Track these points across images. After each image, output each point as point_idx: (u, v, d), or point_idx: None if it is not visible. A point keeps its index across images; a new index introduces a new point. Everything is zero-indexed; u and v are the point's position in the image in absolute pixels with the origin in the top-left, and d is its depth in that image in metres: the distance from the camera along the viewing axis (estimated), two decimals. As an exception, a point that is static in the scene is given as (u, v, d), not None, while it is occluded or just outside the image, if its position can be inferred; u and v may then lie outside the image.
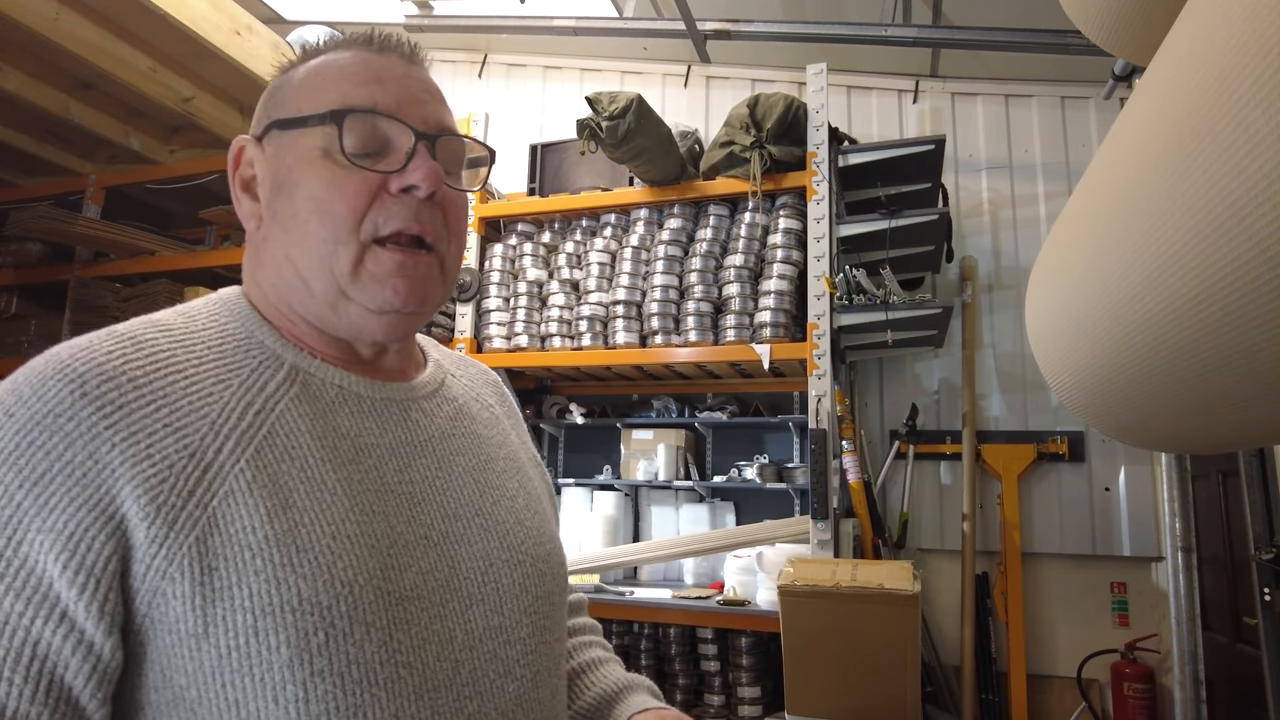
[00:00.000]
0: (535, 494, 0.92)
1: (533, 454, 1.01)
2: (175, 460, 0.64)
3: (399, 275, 0.75)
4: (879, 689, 2.48)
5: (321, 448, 0.72)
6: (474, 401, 0.94)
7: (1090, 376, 1.64)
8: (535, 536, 0.86)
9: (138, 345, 0.70)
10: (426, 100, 0.80)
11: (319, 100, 0.77)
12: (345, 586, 0.66)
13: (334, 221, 0.74)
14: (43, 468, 0.61)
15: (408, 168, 0.75)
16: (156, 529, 0.62)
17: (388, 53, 0.82)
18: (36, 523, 0.59)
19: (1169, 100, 1.10)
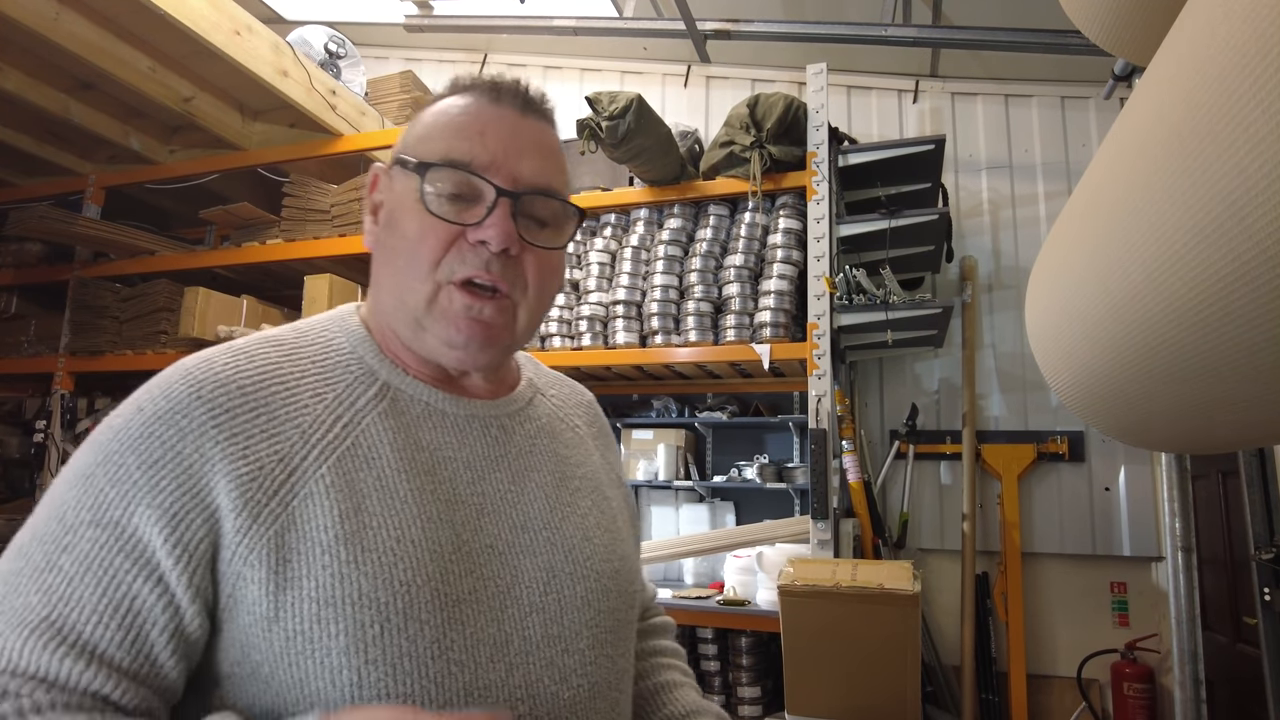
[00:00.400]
0: (611, 514, 0.96)
1: (618, 477, 1.06)
2: (266, 462, 0.73)
3: (465, 316, 0.82)
4: (879, 689, 2.48)
5: (400, 459, 0.80)
6: (559, 421, 1.00)
7: (1090, 376, 1.64)
8: (602, 554, 0.90)
9: (250, 358, 0.79)
10: (527, 154, 0.84)
11: (427, 147, 0.84)
12: (403, 585, 0.73)
13: (416, 262, 0.81)
14: (158, 454, 0.71)
15: (485, 222, 0.81)
16: (242, 520, 0.70)
17: (503, 102, 0.86)
18: (146, 499, 0.69)
19: (1169, 100, 1.10)
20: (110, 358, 4.26)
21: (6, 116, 4.03)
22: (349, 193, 3.99)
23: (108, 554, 0.67)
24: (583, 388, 1.12)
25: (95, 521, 0.68)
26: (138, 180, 4.45)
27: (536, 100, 0.88)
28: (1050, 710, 3.52)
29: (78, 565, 0.67)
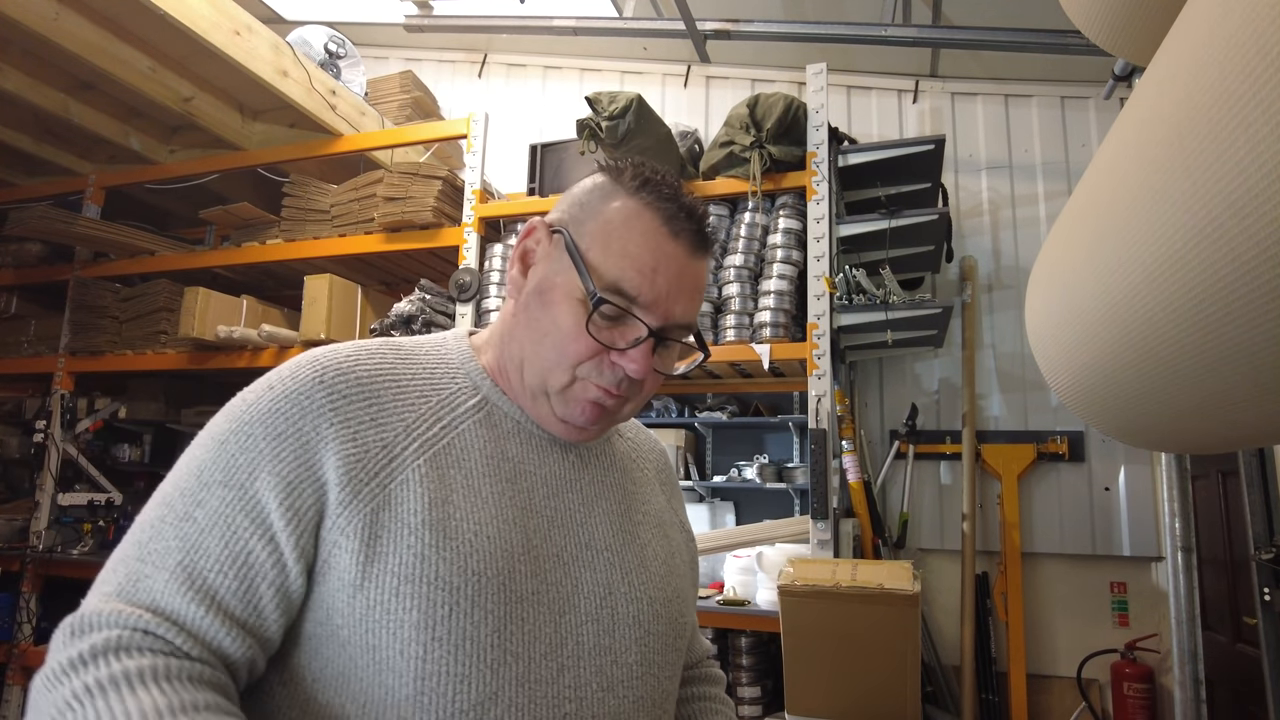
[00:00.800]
0: (670, 551, 1.04)
1: (682, 522, 1.14)
2: (371, 447, 0.82)
3: (592, 403, 0.90)
4: (879, 689, 2.48)
5: (487, 464, 0.89)
6: (630, 461, 1.08)
7: (1090, 376, 1.64)
8: (657, 581, 0.97)
9: (370, 355, 0.90)
10: (684, 296, 0.90)
11: (605, 260, 0.88)
12: (474, 575, 0.80)
13: (563, 356, 0.88)
14: (281, 428, 0.80)
15: (629, 353, 0.88)
16: (345, 494, 0.79)
17: (680, 239, 0.90)
18: (269, 468, 0.79)
19: (1169, 100, 1.10)
20: (110, 358, 4.26)
21: (6, 116, 4.03)
22: (349, 193, 3.99)
23: (232, 512, 0.77)
24: (657, 438, 1.21)
25: (225, 482, 0.78)
26: (137, 180, 4.45)
27: (707, 236, 0.93)
28: (1050, 710, 3.52)
29: (209, 519, 0.77)
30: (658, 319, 0.88)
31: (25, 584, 4.02)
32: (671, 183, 0.92)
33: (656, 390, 0.99)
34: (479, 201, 3.80)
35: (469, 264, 3.72)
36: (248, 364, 4.02)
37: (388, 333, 3.66)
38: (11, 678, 3.92)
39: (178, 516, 0.77)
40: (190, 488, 0.79)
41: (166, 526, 0.77)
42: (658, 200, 0.90)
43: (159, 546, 0.76)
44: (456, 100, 5.04)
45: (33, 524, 4.13)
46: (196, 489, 0.78)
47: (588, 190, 0.94)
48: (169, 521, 0.77)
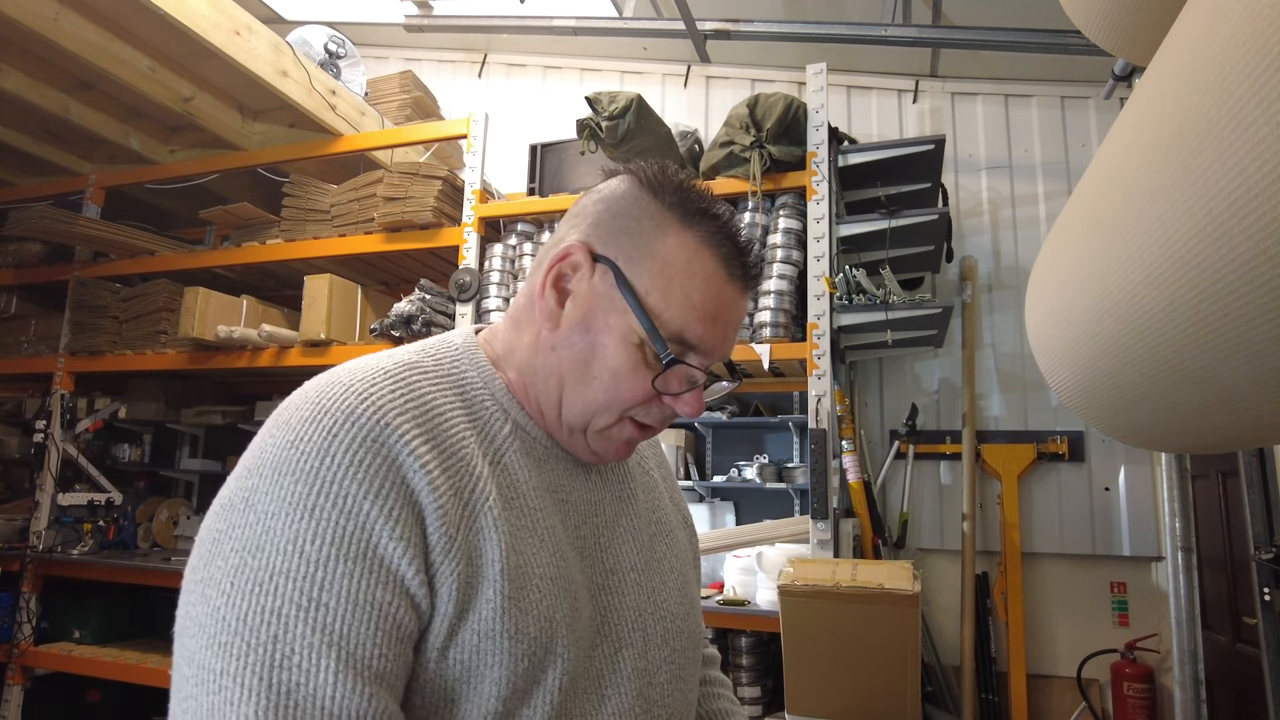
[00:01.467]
0: (681, 557, 1.03)
1: (684, 515, 1.13)
2: (449, 496, 0.75)
3: (626, 442, 0.89)
4: (879, 689, 2.48)
5: (536, 496, 0.84)
6: (638, 467, 1.05)
7: (1090, 376, 1.63)
8: (676, 596, 0.97)
9: (408, 386, 0.80)
10: (733, 334, 0.89)
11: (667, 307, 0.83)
12: (548, 621, 0.77)
13: (615, 400, 0.85)
14: (378, 484, 0.71)
15: (683, 397, 0.86)
16: (437, 556, 0.73)
17: (737, 280, 0.87)
18: (387, 530, 0.70)
19: (1169, 100, 1.10)
20: (110, 358, 4.26)
21: (6, 116, 4.03)
22: (349, 193, 3.99)
23: (368, 587, 0.69)
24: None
25: (343, 555, 0.68)
26: (137, 180, 4.45)
27: (758, 275, 0.93)
28: (1050, 710, 3.52)
29: (344, 603, 0.68)
30: (711, 361, 0.87)
31: (25, 584, 4.02)
32: (717, 207, 0.87)
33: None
34: (479, 201, 3.80)
35: (469, 264, 3.72)
36: (247, 364, 4.02)
37: (387, 333, 3.66)
38: (12, 677, 3.92)
39: (300, 606, 0.66)
40: (298, 569, 0.67)
41: (291, 621, 0.66)
42: (714, 235, 0.85)
43: (298, 646, 0.65)
44: (456, 100, 5.04)
45: (33, 524, 4.13)
46: (309, 569, 0.67)
47: (628, 211, 0.87)
48: (290, 615, 0.66)
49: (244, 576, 0.67)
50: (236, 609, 0.66)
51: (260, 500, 0.70)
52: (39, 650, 3.94)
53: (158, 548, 4.47)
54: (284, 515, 0.69)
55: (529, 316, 0.89)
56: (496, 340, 0.94)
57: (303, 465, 0.70)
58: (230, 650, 0.65)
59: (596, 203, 0.89)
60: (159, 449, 4.84)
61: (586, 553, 0.89)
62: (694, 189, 0.87)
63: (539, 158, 3.86)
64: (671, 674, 0.91)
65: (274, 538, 0.68)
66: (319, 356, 3.86)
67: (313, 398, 0.76)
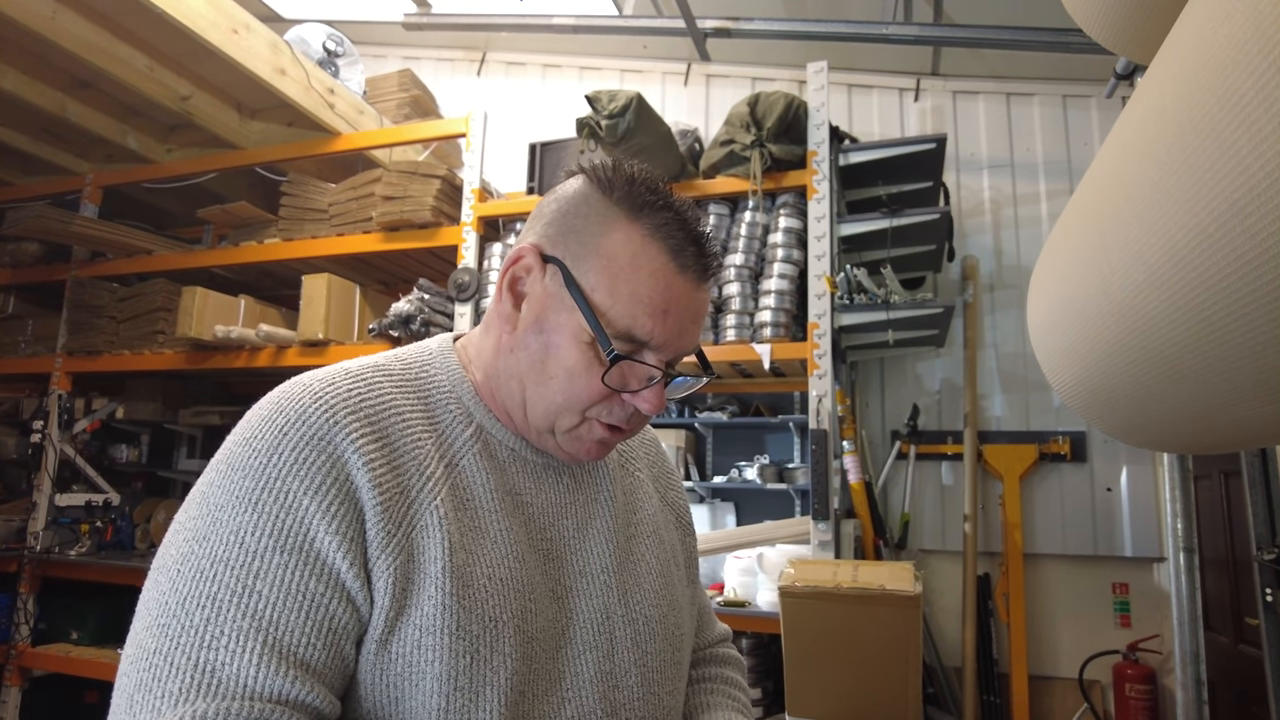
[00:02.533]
0: (665, 560, 1.02)
1: (680, 514, 1.13)
2: (392, 494, 0.78)
3: (598, 442, 0.89)
4: (880, 690, 2.47)
5: (492, 499, 0.86)
6: (621, 468, 1.05)
7: (1092, 376, 1.63)
8: (652, 599, 0.96)
9: (368, 386, 0.84)
10: (692, 327, 0.88)
11: (613, 304, 0.83)
12: (492, 621, 0.79)
13: (572, 399, 0.85)
14: (318, 480, 0.75)
15: (642, 393, 0.86)
16: (375, 551, 0.76)
17: (688, 273, 0.85)
18: (324, 525, 0.74)
19: (1171, 99, 1.09)
20: (107, 358, 4.25)
21: (3, 115, 4.02)
22: (347, 192, 3.99)
23: (302, 578, 0.72)
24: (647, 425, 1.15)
25: (280, 547, 0.72)
26: (135, 179, 4.45)
27: (712, 264, 0.88)
28: (1052, 712, 3.51)
29: (276, 591, 0.71)
30: (669, 356, 0.86)
31: (23, 585, 4.02)
32: (669, 199, 0.86)
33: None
34: (478, 200, 3.79)
35: (468, 263, 3.71)
36: (245, 364, 4.02)
37: (386, 332, 3.65)
38: (9, 679, 3.91)
39: (234, 593, 0.70)
40: (236, 558, 0.71)
41: (224, 605, 0.69)
42: (662, 228, 0.84)
43: (227, 629, 0.69)
44: (455, 99, 5.03)
45: (30, 524, 4.13)
46: (246, 560, 0.71)
47: (577, 210, 0.87)
48: (224, 600, 0.69)
49: (189, 564, 0.71)
50: (179, 593, 0.70)
51: (213, 494, 0.75)
52: (36, 651, 3.93)
53: (155, 548, 4.43)
54: (230, 508, 0.73)
55: (494, 320, 0.91)
56: (470, 345, 0.96)
57: (252, 462, 0.75)
58: (167, 631, 0.69)
59: (550, 203, 0.90)
60: (156, 449, 4.83)
61: (552, 555, 0.89)
62: (644, 182, 0.86)
63: (538, 156, 3.85)
64: (641, 677, 0.91)
65: (219, 529, 0.72)
66: (317, 356, 3.85)
67: (274, 398, 0.80)
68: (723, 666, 1.18)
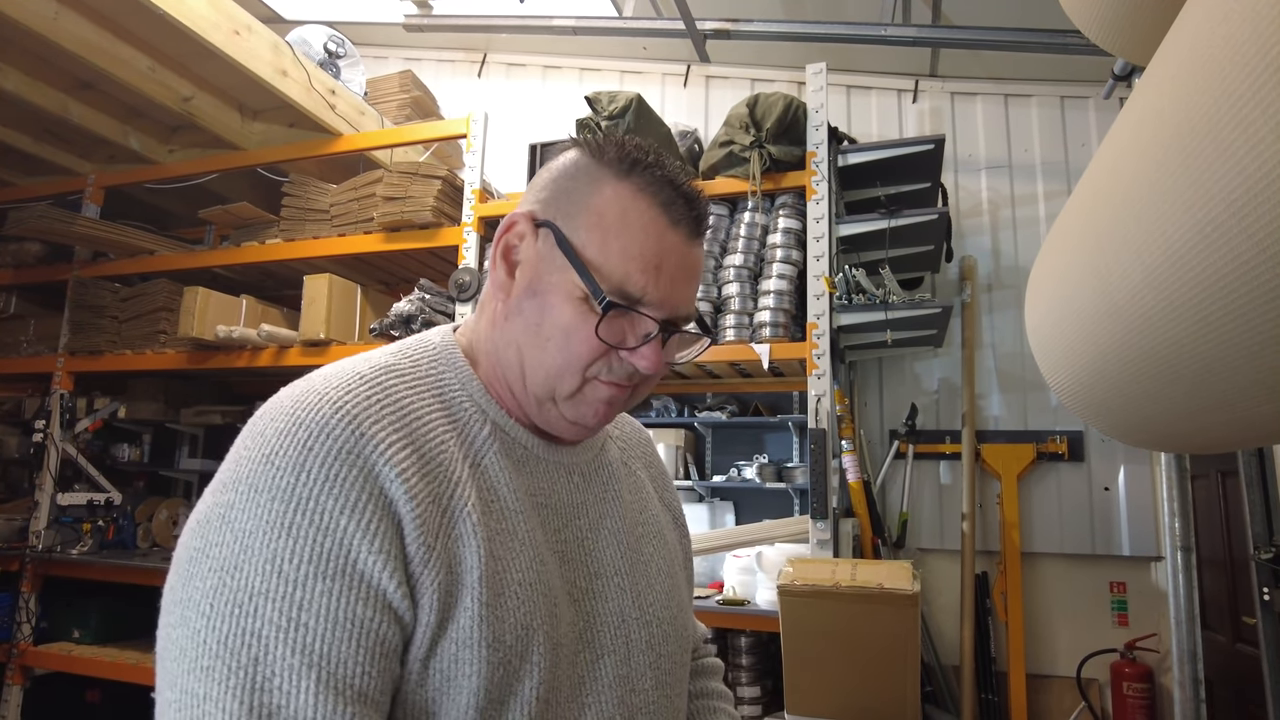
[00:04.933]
0: (669, 560, 1.01)
1: (676, 514, 1.12)
2: (428, 504, 0.74)
3: (604, 403, 0.86)
4: (879, 689, 2.48)
5: (515, 500, 0.83)
6: (624, 467, 1.04)
7: (1090, 376, 1.63)
8: (663, 600, 0.95)
9: (384, 390, 0.79)
10: (686, 284, 0.86)
11: (605, 259, 0.81)
12: (524, 629, 0.76)
13: (571, 358, 0.83)
14: (354, 497, 0.70)
15: (641, 349, 0.83)
16: (417, 566, 0.72)
17: (679, 226, 0.84)
18: (365, 545, 0.69)
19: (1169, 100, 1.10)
20: (109, 357, 4.26)
21: (6, 116, 4.02)
22: (348, 192, 3.99)
23: (349, 604, 0.68)
24: (640, 425, 1.17)
25: (321, 573, 0.68)
26: (137, 180, 4.45)
27: (704, 218, 0.87)
28: (1049, 710, 3.52)
29: (323, 622, 0.67)
30: (665, 312, 0.84)
31: (25, 584, 4.02)
32: (660, 159, 0.86)
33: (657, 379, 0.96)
34: (478, 201, 3.79)
35: (468, 264, 3.72)
36: (247, 363, 4.02)
37: (387, 332, 3.66)
38: (11, 677, 3.92)
39: (279, 628, 0.66)
40: (276, 589, 0.66)
41: (271, 643, 0.65)
42: (651, 184, 0.83)
43: (278, 668, 0.65)
44: (456, 100, 5.03)
45: (32, 524, 4.13)
46: (287, 589, 0.67)
47: (568, 173, 0.86)
48: (270, 636, 0.65)
49: (223, 598, 0.67)
50: (217, 631, 0.66)
51: (237, 518, 0.69)
52: (38, 650, 3.93)
53: (157, 547, 4.46)
54: (261, 534, 0.68)
55: (489, 292, 0.89)
56: (468, 332, 0.93)
57: (279, 481, 0.69)
58: (212, 674, 0.65)
59: (542, 173, 0.90)
60: (158, 449, 4.83)
61: (568, 557, 0.87)
62: (635, 144, 0.86)
63: (538, 157, 3.86)
64: (656, 680, 0.90)
65: (252, 557, 0.67)
66: (318, 356, 3.86)
67: (287, 408, 0.75)
68: (712, 679, 1.18)
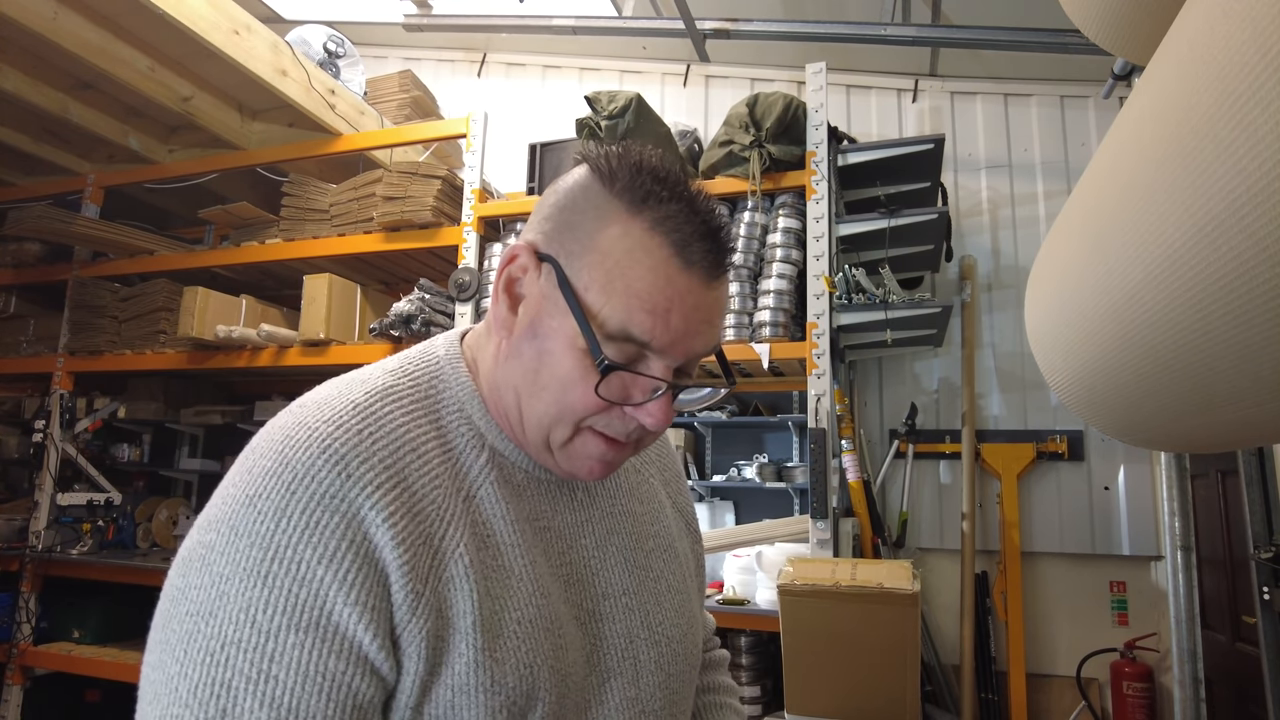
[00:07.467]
0: (681, 575, 0.98)
1: (688, 520, 1.08)
2: (417, 547, 0.71)
3: (599, 460, 0.80)
4: (878, 688, 2.48)
5: (511, 533, 0.79)
6: (635, 475, 1.00)
7: (1090, 375, 1.64)
8: (673, 618, 0.92)
9: (378, 423, 0.75)
10: (704, 329, 0.77)
11: (607, 302, 0.74)
12: (527, 669, 0.74)
13: (566, 410, 0.77)
14: (333, 547, 0.68)
15: (646, 405, 0.77)
16: (403, 612, 0.69)
17: (694, 268, 0.75)
18: (341, 596, 0.67)
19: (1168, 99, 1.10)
20: (109, 357, 4.26)
21: (5, 116, 4.02)
22: (348, 192, 3.99)
23: (321, 658, 0.66)
24: None
25: (294, 625, 0.66)
26: (137, 180, 4.45)
27: (727, 254, 0.78)
28: (1049, 709, 3.52)
29: (293, 675, 0.65)
30: (675, 360, 0.76)
31: (24, 584, 4.02)
32: (678, 188, 0.77)
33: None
34: (478, 201, 3.79)
35: (468, 263, 3.72)
36: (247, 363, 4.02)
37: (386, 332, 3.66)
38: (11, 677, 3.92)
39: (249, 679, 0.64)
40: (249, 640, 0.65)
41: (240, 695, 0.64)
42: (666, 220, 0.75)
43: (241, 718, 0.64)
44: (456, 99, 5.03)
45: (32, 524, 4.13)
46: (260, 641, 0.65)
47: (575, 203, 0.78)
48: (239, 686, 0.64)
49: (196, 645, 0.65)
50: (189, 680, 0.65)
51: (216, 561, 0.68)
52: (38, 650, 3.93)
53: (157, 547, 4.47)
54: (237, 580, 0.66)
55: (493, 324, 0.83)
56: (475, 346, 0.88)
57: (258, 527, 0.68)
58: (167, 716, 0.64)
59: (549, 196, 0.82)
60: (158, 449, 4.84)
61: (573, 580, 0.84)
62: (651, 170, 0.77)
63: (538, 157, 3.86)
64: (666, 700, 0.87)
65: (226, 604, 0.66)
66: (318, 356, 3.86)
67: (277, 444, 0.72)
68: (718, 672, 1.17)
